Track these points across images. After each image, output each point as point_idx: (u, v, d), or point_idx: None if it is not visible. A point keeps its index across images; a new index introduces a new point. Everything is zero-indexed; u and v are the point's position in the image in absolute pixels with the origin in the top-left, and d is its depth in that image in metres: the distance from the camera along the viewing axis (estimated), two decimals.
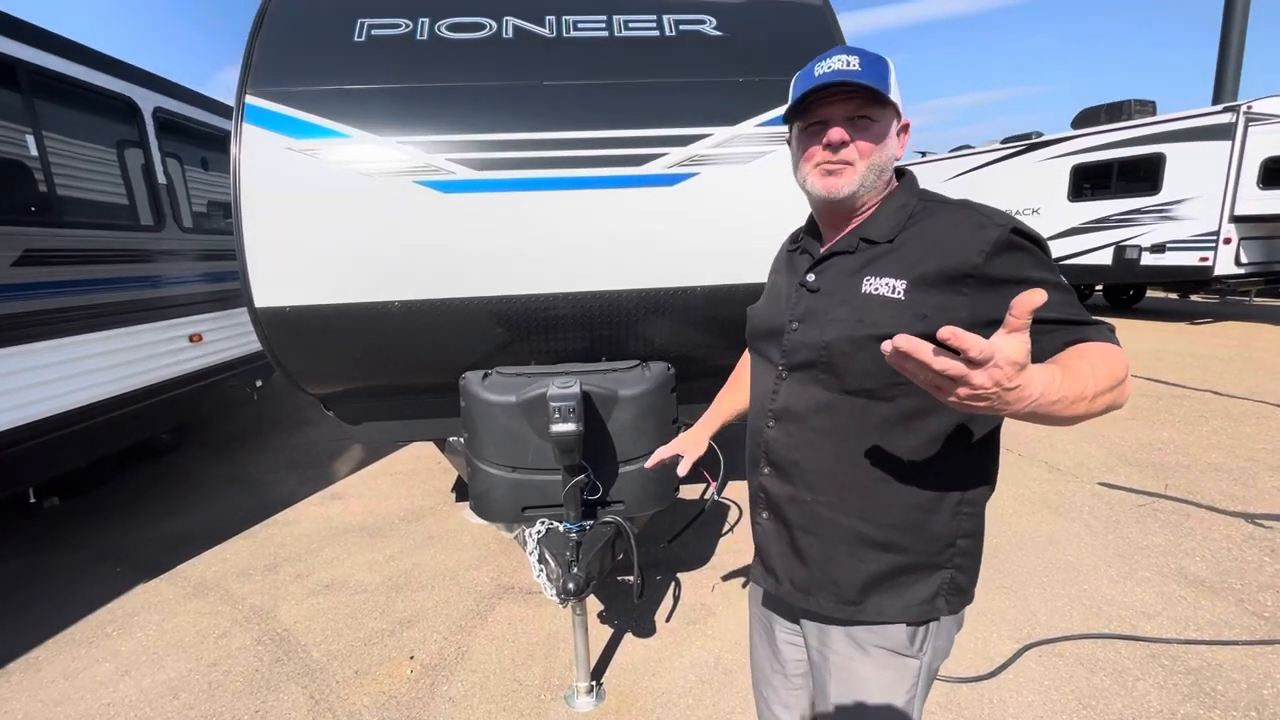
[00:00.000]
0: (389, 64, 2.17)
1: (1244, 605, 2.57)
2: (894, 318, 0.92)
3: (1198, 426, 4.82)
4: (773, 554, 1.13)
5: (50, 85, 3.36)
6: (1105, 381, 0.79)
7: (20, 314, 2.98)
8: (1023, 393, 0.71)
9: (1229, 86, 13.56)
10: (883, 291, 0.94)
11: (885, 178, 1.01)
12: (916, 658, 1.04)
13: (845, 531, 1.02)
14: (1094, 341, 0.85)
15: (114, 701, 2.30)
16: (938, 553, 1.01)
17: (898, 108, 0.98)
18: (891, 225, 0.99)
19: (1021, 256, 0.89)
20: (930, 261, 0.91)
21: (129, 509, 4.07)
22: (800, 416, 1.04)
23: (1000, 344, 0.68)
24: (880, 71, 0.95)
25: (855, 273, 0.99)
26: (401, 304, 2.16)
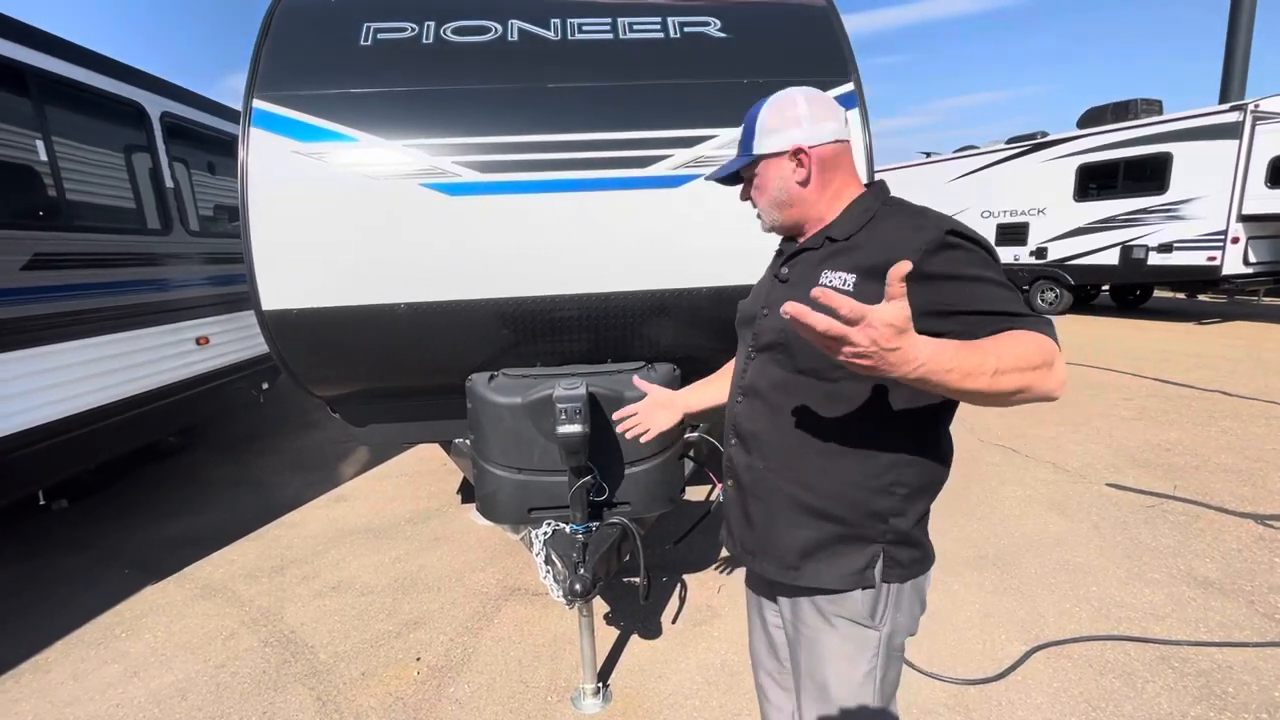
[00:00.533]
0: (395, 67, 2.18)
1: (1254, 607, 2.56)
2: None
3: (1206, 427, 4.79)
4: (732, 519, 1.27)
5: (59, 90, 3.39)
6: (1011, 361, 0.87)
7: (30, 317, 3.01)
8: (905, 354, 0.79)
9: (1236, 85, 13.49)
10: (835, 282, 1.04)
11: (792, 205, 1.15)
12: (876, 629, 1.13)
13: (788, 499, 1.14)
14: (1020, 330, 0.92)
15: (123, 702, 2.31)
16: (869, 527, 1.10)
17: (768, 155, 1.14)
18: (851, 226, 1.10)
19: (956, 255, 0.98)
20: (875, 256, 1.01)
21: (137, 511, 4.10)
22: (762, 392, 1.17)
23: (876, 307, 0.78)
24: (745, 142, 1.16)
25: (817, 265, 1.11)
26: (408, 306, 2.17)
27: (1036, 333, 0.92)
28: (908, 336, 0.79)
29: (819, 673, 1.17)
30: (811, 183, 1.12)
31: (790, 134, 1.11)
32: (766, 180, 1.16)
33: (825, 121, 1.11)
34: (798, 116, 1.11)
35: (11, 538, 3.73)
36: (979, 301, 0.95)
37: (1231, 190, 8.61)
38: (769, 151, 1.13)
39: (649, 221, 2.17)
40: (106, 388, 3.45)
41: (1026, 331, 0.92)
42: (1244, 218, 8.66)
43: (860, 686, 1.14)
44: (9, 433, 2.86)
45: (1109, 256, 10.09)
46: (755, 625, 1.44)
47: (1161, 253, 9.45)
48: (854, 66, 2.27)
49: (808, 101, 1.11)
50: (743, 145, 1.17)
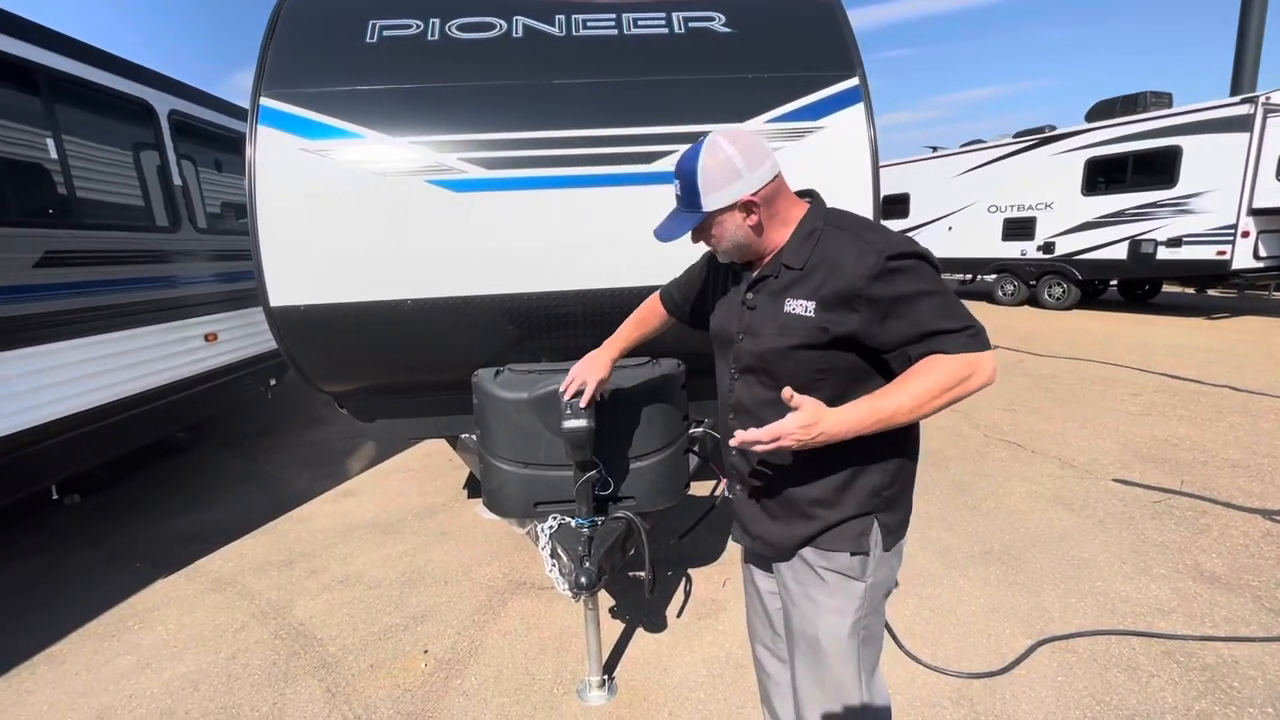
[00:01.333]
0: (401, 64, 2.19)
1: (1261, 602, 2.55)
2: (806, 330, 1.18)
3: (1215, 422, 4.77)
4: (745, 518, 1.41)
5: (69, 89, 3.42)
6: (925, 394, 1.08)
7: (42, 314, 3.04)
8: (829, 433, 1.09)
9: (1247, 77, 13.34)
10: (798, 310, 1.19)
11: (749, 245, 1.25)
12: (862, 580, 1.28)
13: (794, 498, 1.28)
14: (935, 355, 1.10)
15: (136, 693, 2.35)
16: (866, 504, 1.26)
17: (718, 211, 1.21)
18: (803, 253, 1.21)
19: (895, 278, 1.11)
20: (829, 285, 1.16)
21: (147, 506, 4.14)
22: (751, 410, 1.29)
23: (783, 422, 1.09)
24: (690, 199, 1.22)
25: (779, 294, 1.24)
26: (414, 302, 2.18)
27: (951, 354, 1.09)
28: (822, 422, 1.08)
29: (810, 628, 1.31)
30: (762, 223, 1.23)
31: (734, 188, 1.18)
32: (722, 230, 1.25)
33: (760, 166, 1.19)
34: (736, 170, 1.18)
35: (26, 532, 3.78)
36: (911, 324, 1.11)
37: (1242, 184, 8.53)
38: (719, 207, 1.21)
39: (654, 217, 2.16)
40: (117, 384, 3.49)
41: (940, 357, 1.09)
42: (1254, 211, 8.58)
43: (848, 640, 1.28)
44: (22, 428, 2.90)
45: (1117, 251, 10.02)
46: (752, 597, 1.59)
47: (1170, 247, 9.37)
48: (859, 60, 2.26)
49: (739, 152, 1.18)
50: (687, 202, 1.24)
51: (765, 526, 1.35)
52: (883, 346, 1.15)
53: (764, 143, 1.23)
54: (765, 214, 1.22)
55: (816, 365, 1.20)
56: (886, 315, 1.12)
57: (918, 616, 2.57)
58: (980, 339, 1.11)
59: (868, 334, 1.14)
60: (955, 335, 1.10)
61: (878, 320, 1.13)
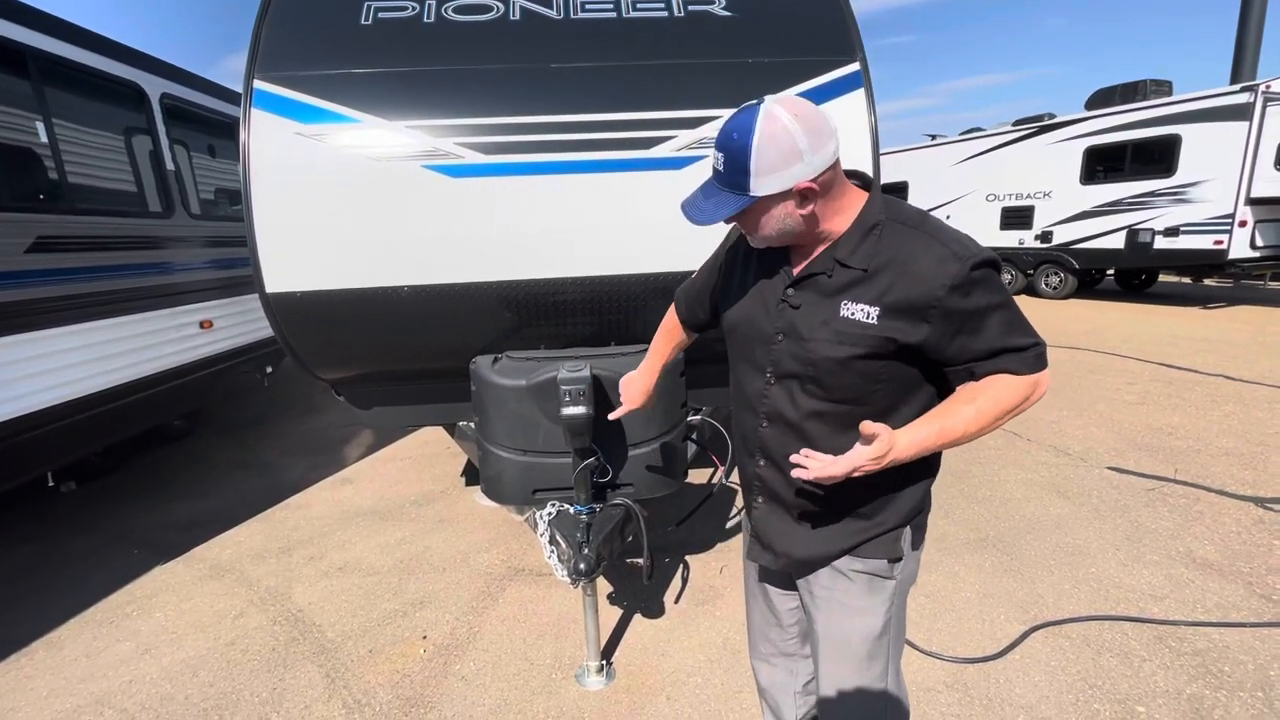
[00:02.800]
0: (396, 47, 2.16)
1: (1252, 588, 2.58)
2: (869, 340, 1.07)
3: (1209, 411, 4.79)
4: (771, 533, 1.30)
5: (59, 72, 3.37)
6: (989, 415, 1.05)
7: (34, 300, 3.01)
8: (896, 457, 1.04)
9: (1248, 65, 13.27)
10: (858, 316, 1.07)
11: (798, 233, 1.10)
12: (893, 578, 1.24)
13: (835, 511, 1.21)
14: (1002, 374, 1.05)
15: (135, 679, 2.36)
16: (904, 518, 1.22)
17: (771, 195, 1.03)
18: (864, 251, 1.07)
19: (975, 290, 1.02)
20: (899, 291, 1.04)
21: (144, 493, 4.14)
22: (793, 420, 1.18)
23: (856, 454, 1.03)
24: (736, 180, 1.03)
25: (833, 294, 1.10)
26: (411, 289, 2.17)
27: (1011, 375, 1.05)
28: (894, 450, 1.03)
29: (838, 631, 1.25)
30: (817, 214, 1.07)
31: (792, 171, 1.00)
32: (769, 217, 1.06)
33: (824, 147, 1.00)
34: (798, 150, 0.98)
35: (22, 519, 3.78)
36: (983, 340, 1.04)
37: (1240, 173, 8.52)
38: (773, 191, 1.02)
39: (652, 204, 2.16)
40: (111, 371, 3.47)
41: (1007, 377, 1.05)
42: (1252, 201, 8.57)
43: (879, 640, 1.24)
44: (17, 415, 2.88)
45: (1115, 240, 10.01)
46: (755, 598, 1.51)
47: (1168, 236, 9.37)
48: (860, 45, 2.24)
49: (805, 131, 0.98)
50: (732, 181, 1.04)
51: (794, 543, 1.26)
52: (949, 361, 1.07)
53: (829, 119, 1.03)
54: (822, 204, 1.06)
55: (876, 377, 1.09)
56: (960, 330, 1.03)
57: (913, 603, 2.59)
58: (1044, 358, 1.06)
59: (937, 346, 1.05)
60: (1024, 354, 1.04)
61: (949, 334, 1.03)
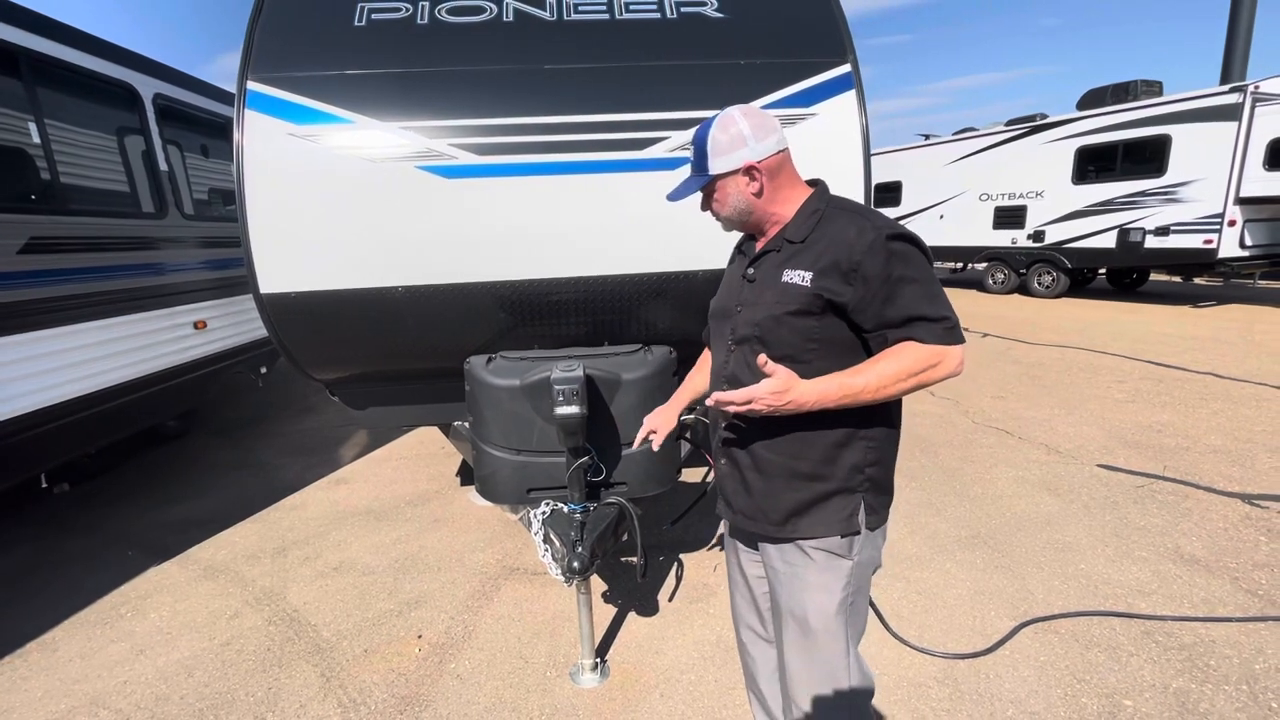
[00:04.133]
0: (389, 48, 2.17)
1: (1238, 583, 2.61)
2: (802, 297, 1.23)
3: (1197, 409, 4.84)
4: (729, 490, 1.44)
5: (51, 72, 3.36)
6: (892, 376, 1.15)
7: (27, 301, 3.01)
8: (796, 402, 1.16)
9: (1237, 66, 13.38)
10: (795, 280, 1.24)
11: (752, 212, 1.32)
12: (850, 559, 1.32)
13: (781, 467, 1.32)
14: (912, 341, 1.16)
15: (130, 679, 2.36)
16: (850, 479, 1.29)
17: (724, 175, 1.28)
18: (805, 228, 1.28)
19: (891, 259, 1.17)
20: (828, 257, 1.22)
21: (138, 494, 4.13)
22: (744, 380, 1.30)
23: (756, 387, 1.17)
24: (700, 163, 1.30)
25: (778, 266, 1.29)
26: (405, 289, 2.18)
27: (919, 344, 1.16)
28: (792, 391, 1.15)
29: (799, 606, 1.34)
30: (764, 192, 1.29)
31: (740, 153, 1.26)
32: (725, 195, 1.31)
33: (767, 137, 1.26)
34: (743, 136, 1.25)
35: (16, 521, 3.76)
36: (895, 308, 1.17)
37: (1230, 172, 8.60)
38: (724, 171, 1.28)
39: (645, 204, 2.17)
40: (105, 372, 3.46)
41: (912, 344, 1.16)
42: (1241, 200, 8.65)
43: (835, 617, 1.32)
44: (10, 416, 2.88)
45: (1106, 240, 10.10)
46: (737, 581, 1.59)
47: (1159, 236, 9.45)
48: (851, 46, 2.26)
49: (748, 120, 1.26)
50: (696, 166, 1.32)
51: (748, 499, 1.38)
52: (864, 324, 1.21)
53: (775, 120, 1.29)
54: (768, 184, 1.28)
55: (810, 334, 1.24)
56: (875, 294, 1.18)
57: (905, 599, 2.62)
58: (955, 333, 1.17)
59: (856, 308, 1.20)
60: (933, 325, 1.16)
61: (868, 298, 1.18)
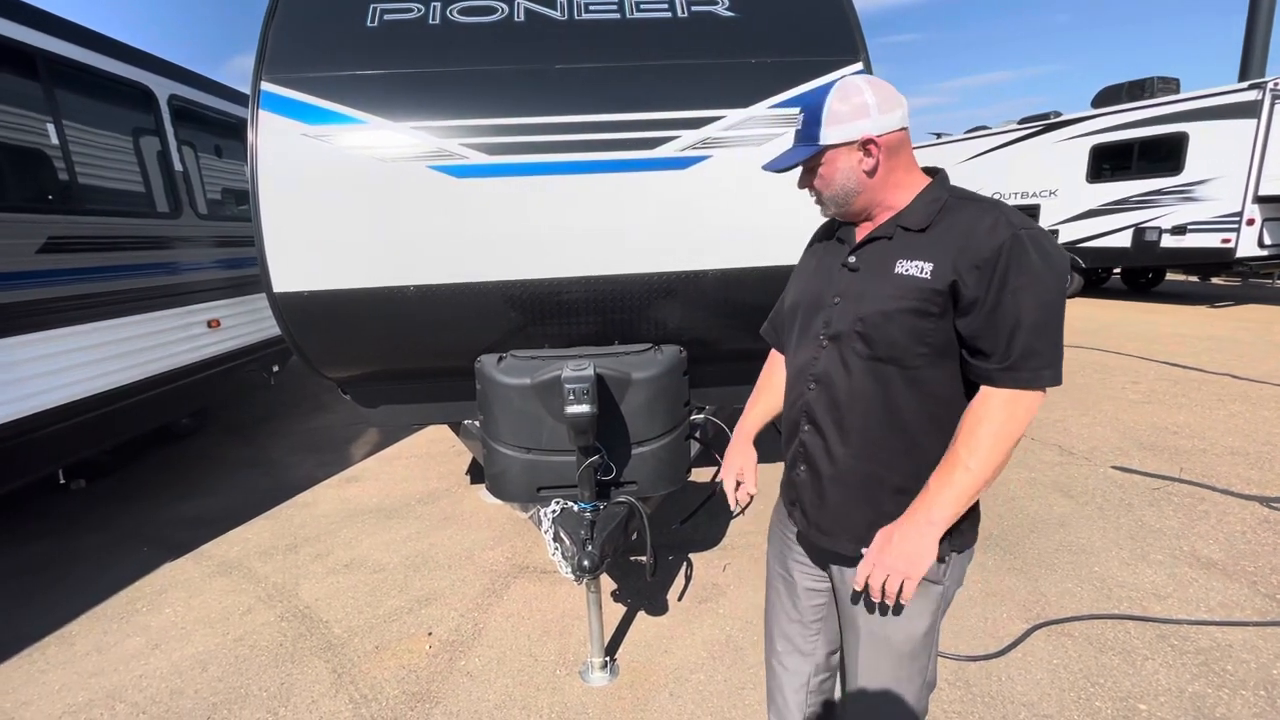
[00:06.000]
0: (401, 49, 2.18)
1: (1256, 587, 2.57)
2: (919, 293, 1.09)
3: (1215, 410, 4.78)
4: (806, 503, 1.30)
5: (69, 74, 3.40)
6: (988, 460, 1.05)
7: (46, 300, 3.05)
8: (929, 558, 1.09)
9: (1256, 62, 13.17)
10: (912, 272, 1.10)
11: (860, 193, 1.17)
12: (942, 583, 1.20)
13: (870, 478, 1.19)
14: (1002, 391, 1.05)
15: (146, 674, 2.39)
16: None
17: (837, 145, 1.14)
18: (924, 216, 1.13)
19: (1022, 261, 1.02)
20: (953, 248, 1.07)
21: (153, 491, 4.18)
22: (838, 380, 1.20)
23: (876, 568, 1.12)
24: (810, 131, 1.16)
25: (890, 255, 1.14)
26: (416, 288, 2.19)
27: (1022, 393, 1.04)
28: (922, 561, 1.08)
29: (882, 629, 1.22)
30: (879, 171, 1.14)
31: (860, 124, 1.11)
32: (833, 170, 1.16)
33: (892, 110, 1.12)
34: (866, 106, 1.11)
35: (33, 517, 3.82)
36: (1003, 321, 1.03)
37: (1248, 171, 8.47)
38: (838, 141, 1.13)
39: (656, 204, 2.18)
40: (120, 370, 3.51)
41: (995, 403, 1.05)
42: (1260, 199, 8.52)
43: (922, 640, 1.22)
44: (29, 413, 2.92)
45: (1121, 239, 9.97)
46: (779, 590, 1.45)
47: (1175, 235, 9.33)
48: (863, 45, 2.25)
49: (874, 90, 1.12)
50: (805, 135, 1.17)
51: (827, 512, 1.25)
52: (964, 330, 1.08)
53: (900, 96, 1.15)
54: (885, 163, 1.14)
55: (923, 337, 1.10)
56: (990, 300, 1.04)
57: None
58: (1056, 373, 1.04)
59: (964, 308, 1.07)
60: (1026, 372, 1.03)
61: (983, 300, 1.04)
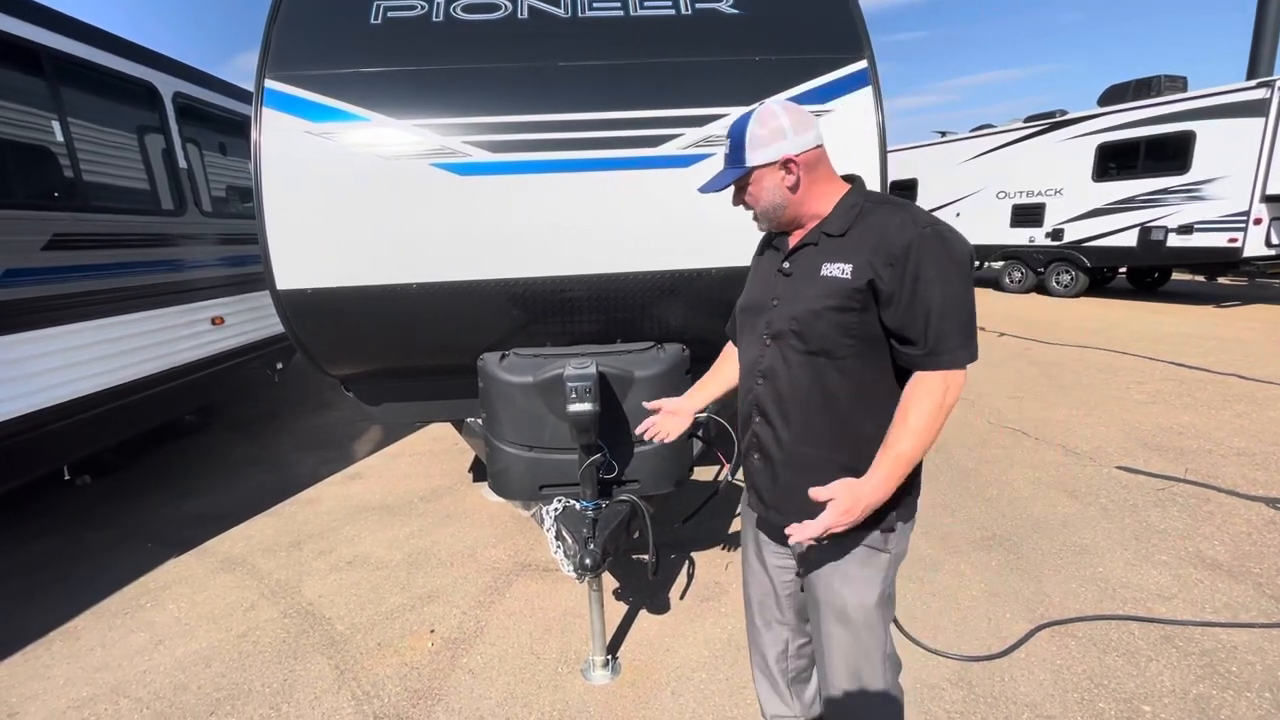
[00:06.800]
0: (405, 46, 2.18)
1: (1262, 589, 2.56)
2: (842, 291, 1.22)
3: (1220, 411, 4.75)
4: (761, 487, 1.43)
5: (74, 71, 3.41)
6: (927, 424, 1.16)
7: (51, 297, 3.06)
8: (868, 505, 1.18)
9: (1265, 61, 13.07)
10: (835, 273, 1.23)
11: (786, 207, 1.30)
12: (887, 551, 1.34)
13: (815, 460, 1.31)
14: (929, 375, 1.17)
15: (150, 669, 2.40)
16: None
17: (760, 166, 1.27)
18: (844, 222, 1.27)
19: (926, 256, 1.15)
20: (867, 249, 1.21)
21: (157, 488, 4.19)
22: (780, 374, 1.33)
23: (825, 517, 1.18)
24: (736, 155, 1.29)
25: (817, 260, 1.28)
26: (419, 286, 2.19)
27: (935, 372, 1.16)
28: (860, 500, 1.17)
29: (838, 599, 1.35)
30: (800, 186, 1.28)
31: (779, 145, 1.25)
32: (760, 188, 1.30)
33: (806, 131, 1.26)
34: (783, 129, 1.24)
35: (39, 513, 3.84)
36: (918, 310, 1.16)
37: (1256, 169, 8.41)
38: (761, 162, 1.26)
39: (659, 202, 2.17)
40: (125, 367, 3.52)
41: (924, 387, 1.17)
42: (1268, 198, 8.46)
43: (875, 610, 1.34)
44: (34, 409, 2.93)
45: (1127, 238, 9.92)
46: (756, 571, 1.60)
47: (1181, 234, 9.27)
48: (868, 43, 2.24)
49: (788, 114, 1.26)
50: (733, 158, 1.31)
51: (783, 493, 1.37)
52: (889, 323, 1.20)
53: (813, 117, 1.30)
54: (805, 178, 1.27)
55: (849, 330, 1.23)
56: (905, 292, 1.16)
57: (919, 600, 2.60)
58: (972, 350, 1.17)
59: (885, 302, 1.19)
60: (946, 355, 1.16)
61: (899, 294, 1.17)
